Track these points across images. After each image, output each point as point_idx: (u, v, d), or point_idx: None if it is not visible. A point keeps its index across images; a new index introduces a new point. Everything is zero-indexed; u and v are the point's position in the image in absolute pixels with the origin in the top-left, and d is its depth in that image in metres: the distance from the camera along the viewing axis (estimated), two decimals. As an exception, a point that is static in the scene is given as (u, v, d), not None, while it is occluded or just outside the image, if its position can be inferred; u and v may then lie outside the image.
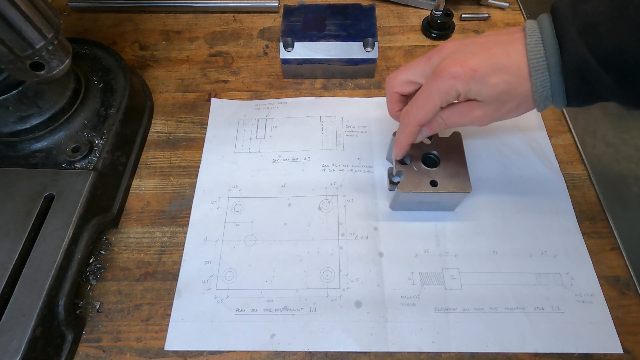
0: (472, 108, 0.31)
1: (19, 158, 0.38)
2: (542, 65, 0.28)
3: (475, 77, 0.29)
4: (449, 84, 0.29)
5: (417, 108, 0.32)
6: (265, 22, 0.56)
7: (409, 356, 0.34)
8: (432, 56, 0.31)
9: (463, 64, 0.29)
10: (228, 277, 0.37)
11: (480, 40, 0.30)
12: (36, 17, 0.32)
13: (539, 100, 0.29)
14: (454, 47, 0.31)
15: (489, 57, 0.29)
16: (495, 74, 0.29)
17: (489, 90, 0.29)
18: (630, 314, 0.35)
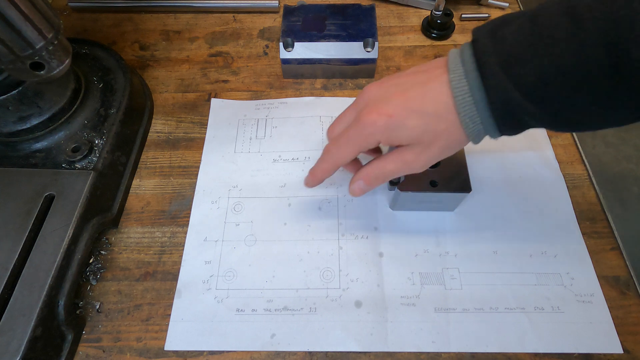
0: (402, 153, 0.31)
1: (19, 158, 0.38)
2: (468, 101, 0.27)
3: (391, 123, 0.29)
4: (367, 132, 0.29)
5: (337, 149, 0.32)
6: (265, 22, 0.56)
7: (409, 356, 0.34)
8: (357, 102, 0.32)
9: (379, 111, 0.29)
10: (228, 277, 0.37)
11: (400, 81, 0.30)
12: (36, 17, 0.32)
13: (472, 136, 0.28)
14: (375, 90, 0.31)
15: (404, 100, 0.29)
16: (411, 117, 0.29)
17: (408, 134, 0.29)
18: (630, 314, 0.35)
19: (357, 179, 0.33)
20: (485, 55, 0.26)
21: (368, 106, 0.30)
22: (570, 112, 0.26)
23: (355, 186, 0.33)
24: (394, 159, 0.31)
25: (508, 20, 0.27)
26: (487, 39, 0.26)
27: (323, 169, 0.33)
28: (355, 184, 0.33)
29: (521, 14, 0.27)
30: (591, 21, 0.22)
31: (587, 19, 0.22)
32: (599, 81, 0.23)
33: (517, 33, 0.25)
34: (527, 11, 0.26)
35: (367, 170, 0.32)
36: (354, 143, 0.31)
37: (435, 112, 0.28)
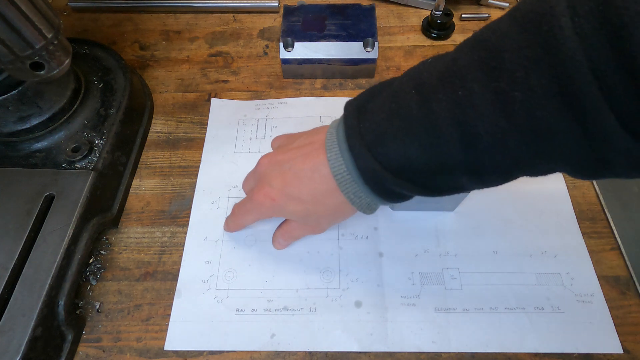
0: (301, 225, 0.34)
1: (19, 158, 0.38)
2: (347, 179, 0.28)
3: (275, 206, 0.31)
4: (258, 210, 0.33)
5: (240, 216, 0.36)
6: (265, 22, 0.56)
7: (409, 356, 0.34)
8: (254, 172, 0.34)
9: (265, 192, 0.31)
10: (228, 277, 0.37)
11: (284, 157, 0.31)
12: (36, 17, 0.32)
13: (362, 208, 0.30)
14: (265, 165, 0.32)
15: (283, 184, 0.30)
16: (290, 203, 0.31)
17: (292, 216, 0.32)
18: (630, 314, 0.35)
19: (276, 237, 0.37)
20: (353, 137, 0.26)
21: (259, 182, 0.33)
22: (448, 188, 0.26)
23: (277, 244, 0.37)
24: (298, 228, 0.35)
25: (376, 92, 0.27)
26: (354, 118, 0.27)
27: (232, 226, 0.38)
28: (276, 242, 0.37)
29: (387, 84, 0.27)
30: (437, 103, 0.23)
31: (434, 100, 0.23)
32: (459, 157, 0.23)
33: (380, 110, 0.26)
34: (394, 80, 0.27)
35: (281, 232, 0.37)
36: (252, 215, 0.35)
37: (313, 198, 0.30)
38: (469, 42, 0.23)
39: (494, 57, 0.21)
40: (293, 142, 0.32)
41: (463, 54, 0.23)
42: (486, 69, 0.21)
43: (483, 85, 0.21)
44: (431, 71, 0.24)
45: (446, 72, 0.23)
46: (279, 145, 0.36)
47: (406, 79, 0.26)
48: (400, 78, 0.26)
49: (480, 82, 0.21)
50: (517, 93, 0.20)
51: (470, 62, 0.22)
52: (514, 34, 0.21)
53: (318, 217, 0.32)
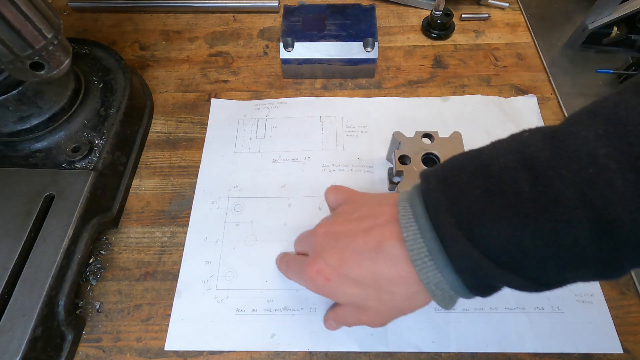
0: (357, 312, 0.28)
1: (19, 158, 0.38)
2: (429, 265, 0.23)
3: (328, 286, 0.27)
4: (309, 284, 0.28)
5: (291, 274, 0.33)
6: (265, 22, 0.56)
7: (409, 356, 0.34)
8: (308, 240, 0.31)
9: (319, 269, 0.27)
10: (228, 277, 0.37)
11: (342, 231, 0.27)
12: (36, 17, 0.32)
13: (442, 301, 0.24)
14: (322, 235, 0.28)
15: (340, 263, 0.26)
16: (347, 285, 0.26)
17: (347, 300, 0.27)
18: (630, 314, 0.35)
19: (328, 319, 0.33)
20: (440, 214, 0.22)
21: (313, 254, 0.29)
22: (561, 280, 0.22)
23: (328, 325, 0.34)
24: (352, 315, 0.29)
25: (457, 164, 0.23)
26: (439, 192, 0.23)
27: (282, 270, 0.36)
28: (328, 323, 0.33)
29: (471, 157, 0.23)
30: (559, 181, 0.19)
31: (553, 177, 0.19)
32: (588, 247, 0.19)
33: (470, 185, 0.22)
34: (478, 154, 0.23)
35: (333, 315, 0.32)
36: (301, 282, 0.31)
37: (376, 283, 0.25)
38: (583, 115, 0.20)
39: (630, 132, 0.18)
40: (356, 209, 0.28)
41: (581, 127, 0.20)
42: (620, 144, 0.18)
43: (620, 163, 0.18)
44: (538, 145, 0.21)
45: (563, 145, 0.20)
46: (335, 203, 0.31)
47: (502, 152, 0.22)
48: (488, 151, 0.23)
49: (615, 159, 0.18)
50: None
51: (595, 135, 0.19)
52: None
53: (379, 306, 0.26)
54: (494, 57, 0.51)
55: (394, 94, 0.48)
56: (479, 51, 0.52)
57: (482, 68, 0.50)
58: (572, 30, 0.52)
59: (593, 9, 0.48)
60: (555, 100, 0.47)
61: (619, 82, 0.48)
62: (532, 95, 0.47)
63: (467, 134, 0.40)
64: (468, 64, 0.51)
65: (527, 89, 0.48)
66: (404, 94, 0.48)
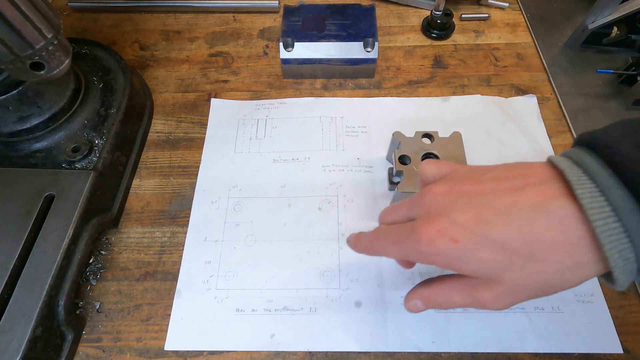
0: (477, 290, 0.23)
1: (19, 158, 0.38)
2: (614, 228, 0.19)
3: (455, 251, 0.22)
4: (419, 249, 0.23)
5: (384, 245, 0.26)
6: (265, 22, 0.56)
7: (409, 356, 0.34)
8: (415, 202, 0.26)
9: (442, 229, 0.22)
10: (228, 277, 0.37)
11: (476, 189, 0.23)
12: (36, 17, 0.32)
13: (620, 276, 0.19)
14: (441, 195, 0.24)
15: (477, 222, 0.21)
16: (486, 248, 0.21)
17: (477, 268, 0.22)
18: (630, 314, 0.35)
19: (415, 298, 0.27)
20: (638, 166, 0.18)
21: (429, 215, 0.23)
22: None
23: (411, 304, 0.27)
24: (465, 293, 0.24)
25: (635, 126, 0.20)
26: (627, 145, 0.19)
27: (365, 248, 0.28)
28: (412, 303, 0.27)
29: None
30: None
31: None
32: None
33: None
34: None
35: (429, 294, 0.26)
36: (402, 252, 0.25)
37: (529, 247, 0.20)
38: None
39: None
40: (483, 171, 0.24)
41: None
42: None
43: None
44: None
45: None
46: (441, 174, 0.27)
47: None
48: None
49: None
50: None
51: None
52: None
53: (518, 279, 0.21)
54: (494, 57, 0.51)
55: (394, 94, 0.48)
56: (479, 51, 0.52)
57: (482, 68, 0.50)
58: (572, 30, 0.52)
59: (593, 9, 0.48)
60: (555, 100, 0.47)
61: (619, 82, 0.48)
62: (532, 95, 0.47)
63: (467, 134, 0.40)
64: (468, 64, 0.51)
65: (527, 89, 0.48)
66: (404, 94, 0.48)
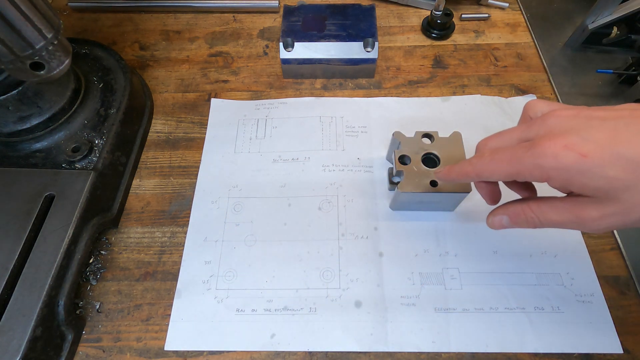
0: (581, 205, 0.23)
1: (19, 158, 0.38)
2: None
3: (582, 165, 0.21)
4: (540, 163, 0.22)
5: (491, 162, 0.25)
6: (265, 22, 0.56)
7: (409, 356, 0.34)
8: (534, 123, 0.25)
9: (569, 143, 0.21)
10: (228, 277, 0.37)
11: (604, 114, 0.23)
12: (36, 17, 0.32)
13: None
14: (566, 117, 0.23)
15: (611, 138, 0.21)
16: (616, 164, 0.21)
17: (601, 185, 0.21)
18: (630, 314, 0.35)
19: (502, 213, 0.26)
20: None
21: (552, 132, 0.23)
22: None
23: (496, 220, 0.27)
24: (566, 210, 0.24)
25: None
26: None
27: (462, 172, 0.27)
28: (498, 218, 0.27)
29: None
30: None
31: None
32: None
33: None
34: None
35: (519, 209, 0.25)
36: (514, 168, 0.24)
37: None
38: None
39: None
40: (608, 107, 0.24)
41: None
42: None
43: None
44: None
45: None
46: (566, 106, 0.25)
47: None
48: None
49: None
50: None
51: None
52: None
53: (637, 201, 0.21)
54: (494, 57, 0.51)
55: (394, 94, 0.48)
56: (479, 51, 0.52)
57: (482, 68, 0.50)
58: (572, 30, 0.52)
59: (593, 9, 0.48)
60: (556, 100, 0.47)
61: (619, 82, 0.48)
62: (532, 95, 0.47)
63: (467, 134, 0.40)
64: (468, 64, 0.51)
65: (527, 89, 0.48)
66: (404, 94, 0.48)
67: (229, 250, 0.38)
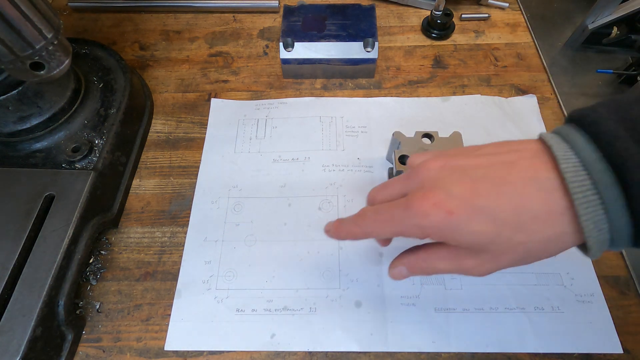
0: (461, 257, 0.24)
1: (19, 158, 0.38)
2: (592, 200, 0.20)
3: (449, 223, 0.22)
4: (415, 223, 0.23)
5: (374, 223, 0.26)
6: (265, 22, 0.56)
7: (409, 356, 0.34)
8: (409, 177, 0.26)
9: (437, 201, 0.23)
10: (228, 277, 0.37)
11: (471, 162, 0.24)
12: (36, 17, 0.32)
13: (594, 244, 0.21)
14: (436, 169, 0.24)
15: (471, 193, 0.22)
16: (478, 219, 0.22)
17: (470, 239, 0.23)
18: (630, 314, 0.35)
19: (399, 265, 0.27)
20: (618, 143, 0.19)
21: (423, 188, 0.24)
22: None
23: (396, 272, 0.28)
24: (449, 260, 0.25)
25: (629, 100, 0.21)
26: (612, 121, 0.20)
27: (350, 232, 0.27)
28: (397, 270, 0.27)
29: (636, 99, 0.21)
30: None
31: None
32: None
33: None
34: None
35: (414, 260, 0.27)
36: (396, 228, 0.25)
37: (517, 219, 0.22)
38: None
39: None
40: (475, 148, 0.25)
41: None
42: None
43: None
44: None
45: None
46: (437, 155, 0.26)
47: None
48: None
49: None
50: None
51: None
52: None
53: (508, 247, 0.23)
54: (494, 57, 0.51)
55: (394, 94, 0.48)
56: (479, 51, 0.52)
57: (482, 68, 0.50)
58: (572, 30, 0.52)
59: (593, 9, 0.48)
60: (555, 100, 0.47)
61: (619, 82, 0.48)
62: (532, 95, 0.47)
63: (467, 134, 0.40)
64: (468, 64, 0.51)
65: (527, 89, 0.48)
66: (404, 94, 0.48)
67: (229, 250, 0.38)
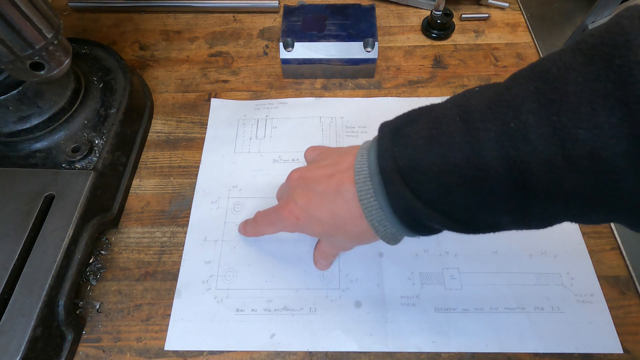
0: (326, 244, 0.34)
1: (19, 158, 0.38)
2: (373, 205, 0.26)
3: (298, 224, 0.30)
4: (282, 224, 0.32)
5: (262, 225, 0.35)
6: (265, 22, 0.56)
7: (409, 356, 0.34)
8: (284, 185, 0.34)
9: (291, 209, 0.30)
10: (228, 277, 0.37)
11: (313, 174, 0.30)
12: (36, 17, 0.32)
13: (386, 238, 0.28)
14: (295, 180, 0.32)
15: (307, 204, 0.29)
16: (313, 223, 0.30)
17: (316, 235, 0.32)
18: (630, 314, 0.35)
19: (316, 259, 0.37)
20: (385, 159, 0.25)
21: (286, 197, 0.32)
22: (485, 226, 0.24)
23: (318, 264, 0.37)
24: (329, 246, 0.34)
25: (414, 116, 0.26)
26: (388, 140, 0.25)
27: (250, 232, 0.37)
28: (318, 263, 0.37)
29: (428, 109, 0.25)
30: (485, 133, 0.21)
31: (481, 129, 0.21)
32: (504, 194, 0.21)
33: (418, 135, 0.24)
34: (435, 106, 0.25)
35: (318, 252, 0.37)
36: (274, 227, 0.34)
37: (334, 222, 0.28)
38: (525, 72, 0.21)
39: (555, 89, 0.19)
40: (325, 157, 0.31)
41: (517, 83, 0.21)
42: (544, 101, 0.19)
43: (540, 119, 0.19)
44: (480, 99, 0.22)
45: (497, 101, 0.21)
46: (312, 158, 0.34)
47: (450, 105, 0.24)
48: (442, 104, 0.25)
49: (536, 114, 0.19)
50: (580, 130, 0.18)
51: (526, 92, 0.20)
52: (579, 66, 0.19)
53: (340, 239, 0.31)
54: (494, 57, 0.51)
55: (394, 94, 0.48)
56: (479, 51, 0.52)
57: (482, 68, 0.50)
58: (572, 30, 0.52)
59: (593, 9, 0.48)
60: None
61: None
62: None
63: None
64: (468, 64, 0.51)
65: (527, 89, 0.48)
66: (404, 94, 0.48)
67: (228, 250, 0.38)
